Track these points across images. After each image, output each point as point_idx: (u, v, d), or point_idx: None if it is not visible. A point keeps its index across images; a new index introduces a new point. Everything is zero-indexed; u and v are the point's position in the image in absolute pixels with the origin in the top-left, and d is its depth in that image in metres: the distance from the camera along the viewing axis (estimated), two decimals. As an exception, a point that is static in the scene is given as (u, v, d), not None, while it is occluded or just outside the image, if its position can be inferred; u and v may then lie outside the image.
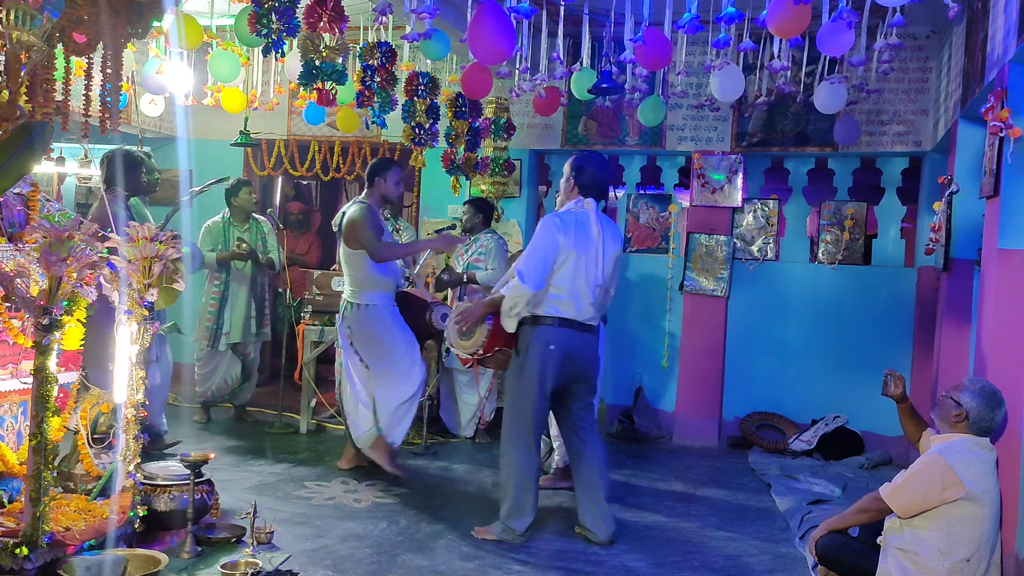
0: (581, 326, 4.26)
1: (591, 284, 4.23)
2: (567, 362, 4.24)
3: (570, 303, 4.21)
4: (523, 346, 4.27)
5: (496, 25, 4.31)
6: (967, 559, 3.27)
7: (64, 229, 3.12)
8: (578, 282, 4.21)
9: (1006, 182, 3.81)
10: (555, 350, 4.19)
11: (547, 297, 4.20)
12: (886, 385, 3.81)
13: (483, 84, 5.30)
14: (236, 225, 6.54)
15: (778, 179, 7.31)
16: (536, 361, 4.20)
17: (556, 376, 4.23)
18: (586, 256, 4.22)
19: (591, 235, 4.26)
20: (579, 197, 4.36)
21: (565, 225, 4.21)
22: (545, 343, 4.20)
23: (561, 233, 4.18)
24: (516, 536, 4.23)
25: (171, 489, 3.89)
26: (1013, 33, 3.68)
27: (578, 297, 4.22)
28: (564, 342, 4.21)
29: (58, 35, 3.60)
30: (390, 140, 7.30)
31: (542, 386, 4.22)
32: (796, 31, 4.10)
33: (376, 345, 5.21)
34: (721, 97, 5.41)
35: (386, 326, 5.23)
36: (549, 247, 4.16)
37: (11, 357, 3.66)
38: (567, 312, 4.22)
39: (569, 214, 4.31)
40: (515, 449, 4.29)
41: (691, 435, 6.97)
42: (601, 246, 4.27)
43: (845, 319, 6.85)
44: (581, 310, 4.24)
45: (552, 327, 4.20)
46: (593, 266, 4.24)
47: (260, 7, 4.04)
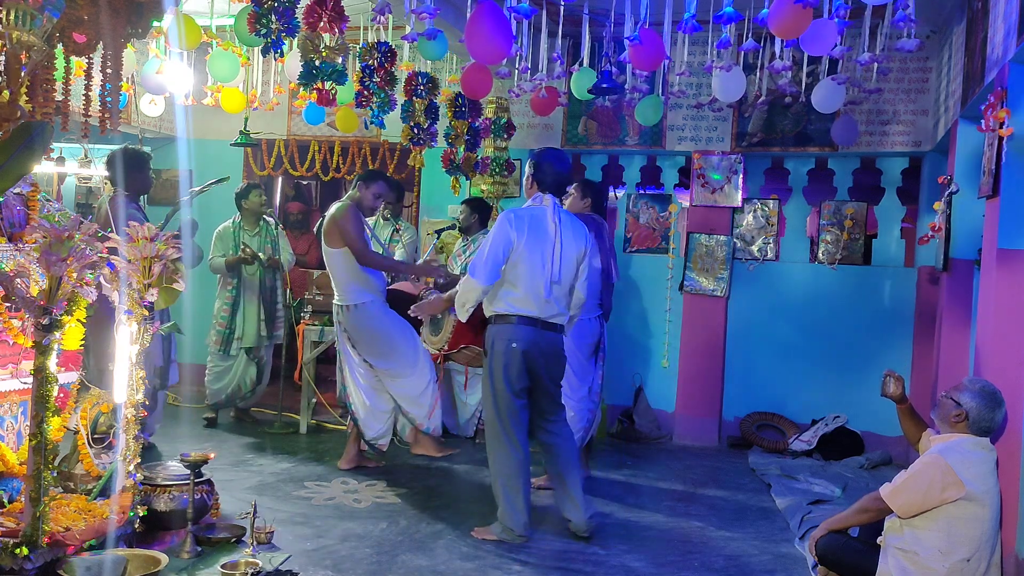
0: (545, 324, 4.27)
1: (546, 281, 4.22)
2: (531, 360, 4.25)
3: (528, 300, 4.23)
4: (488, 345, 4.33)
5: (493, 25, 4.31)
6: (967, 559, 3.27)
7: (64, 229, 3.12)
8: (534, 279, 4.22)
9: (1006, 182, 3.81)
10: (517, 348, 4.21)
11: (506, 294, 4.25)
12: (885, 386, 3.80)
13: (483, 84, 5.30)
14: (246, 229, 6.54)
15: (778, 179, 7.31)
16: (501, 360, 4.24)
17: (521, 374, 4.24)
18: (540, 252, 4.22)
19: (547, 232, 4.26)
20: (538, 193, 4.37)
21: (519, 221, 4.24)
22: (508, 341, 4.23)
23: (514, 229, 4.20)
24: (515, 535, 4.24)
25: (171, 489, 3.88)
26: (1013, 33, 3.68)
27: (535, 294, 4.23)
28: (526, 340, 4.23)
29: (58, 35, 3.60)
30: (390, 140, 7.30)
31: (509, 384, 4.24)
32: (797, 32, 4.10)
33: (376, 343, 5.23)
34: (723, 97, 5.41)
35: (381, 322, 5.23)
36: (500, 242, 4.19)
37: (11, 357, 3.66)
38: (528, 310, 4.24)
39: (525, 210, 4.34)
40: (496, 449, 4.31)
41: (691, 435, 6.97)
42: (558, 243, 4.26)
43: (845, 319, 6.85)
44: (541, 308, 4.25)
45: (514, 325, 4.24)
46: (549, 263, 4.23)
47: (260, 7, 4.04)
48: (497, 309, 4.28)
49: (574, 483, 4.38)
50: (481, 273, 4.17)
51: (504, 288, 4.25)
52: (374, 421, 5.31)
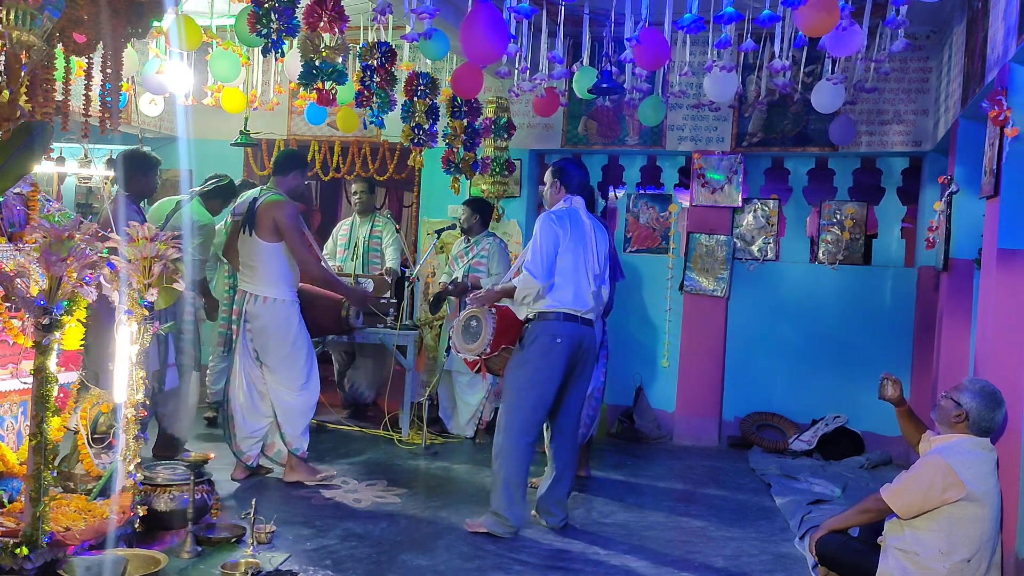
0: (583, 320, 4.41)
1: (591, 275, 4.42)
2: (571, 355, 4.37)
3: (571, 295, 4.36)
4: (528, 339, 4.39)
5: (488, 24, 4.31)
6: (968, 559, 3.27)
7: (64, 229, 3.12)
8: (579, 273, 4.39)
9: (1006, 182, 3.81)
10: (561, 343, 4.33)
11: (550, 291, 4.35)
12: (883, 389, 3.80)
13: (474, 83, 5.27)
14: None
15: (778, 179, 7.31)
16: (543, 355, 4.33)
17: (562, 369, 4.37)
18: (584, 249, 4.42)
19: (584, 229, 4.47)
20: (567, 195, 4.57)
21: (561, 220, 4.42)
22: (552, 337, 4.33)
23: (559, 227, 4.38)
24: (510, 527, 4.29)
25: (171, 489, 3.89)
26: (1013, 33, 3.68)
27: (579, 288, 4.38)
28: (569, 335, 4.35)
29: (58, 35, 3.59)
30: (390, 140, 7.30)
31: (548, 379, 4.35)
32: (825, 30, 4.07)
33: (279, 344, 4.93)
34: (714, 97, 5.44)
35: (292, 324, 4.96)
36: (551, 241, 4.35)
37: (11, 357, 3.66)
38: (570, 306, 4.36)
39: (563, 211, 4.50)
40: (510, 443, 4.34)
41: (691, 435, 6.97)
42: (594, 239, 4.49)
43: (845, 319, 6.85)
44: (582, 302, 4.39)
45: (558, 321, 4.36)
46: (591, 257, 4.44)
47: (259, 7, 4.03)
48: (539, 307, 4.38)
49: (565, 487, 4.53)
50: (540, 272, 4.29)
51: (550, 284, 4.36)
52: (252, 424, 5.01)
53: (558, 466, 4.52)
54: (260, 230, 4.87)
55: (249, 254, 4.94)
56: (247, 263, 4.97)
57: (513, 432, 4.35)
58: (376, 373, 6.85)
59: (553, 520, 4.50)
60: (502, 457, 4.36)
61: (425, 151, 5.98)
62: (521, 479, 4.34)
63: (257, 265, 4.92)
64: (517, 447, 4.33)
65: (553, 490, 4.52)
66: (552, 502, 4.51)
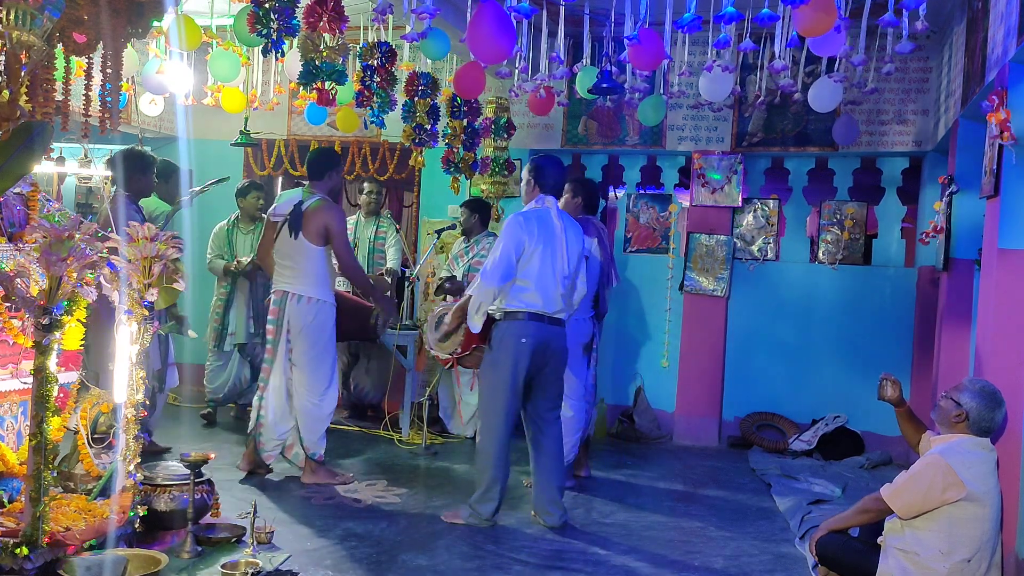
0: (551, 320, 4.47)
1: (559, 276, 4.44)
2: (538, 355, 4.43)
3: (538, 295, 4.40)
4: (495, 340, 4.47)
5: (496, 24, 4.31)
6: (968, 559, 3.27)
7: (64, 229, 3.11)
8: (545, 274, 4.41)
9: (1006, 182, 3.81)
10: (526, 343, 4.40)
11: (517, 292, 4.41)
12: (882, 389, 3.79)
13: (476, 83, 5.28)
14: (241, 228, 6.57)
15: (778, 179, 7.31)
16: (509, 354, 4.40)
17: (528, 368, 4.42)
18: (552, 250, 4.43)
19: (554, 230, 4.48)
20: (540, 195, 4.58)
21: (528, 222, 4.44)
22: (517, 337, 4.40)
23: (524, 231, 4.40)
24: (483, 520, 4.43)
25: (171, 489, 3.88)
26: (1013, 33, 3.68)
27: (546, 289, 4.42)
28: (535, 335, 4.41)
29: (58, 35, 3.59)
30: (390, 140, 7.29)
31: (515, 379, 4.41)
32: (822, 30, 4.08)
33: (312, 344, 4.97)
34: (709, 97, 5.46)
35: (327, 327, 5.03)
36: (512, 245, 4.37)
37: (11, 357, 3.66)
38: (536, 305, 4.42)
39: (531, 212, 4.53)
40: (490, 440, 4.47)
41: (691, 435, 6.97)
42: (564, 240, 4.48)
43: (845, 319, 6.85)
44: (550, 302, 4.44)
45: (523, 321, 4.42)
46: (559, 259, 4.45)
47: (259, 7, 4.03)
48: (507, 306, 4.44)
49: (558, 485, 4.57)
50: (494, 276, 4.34)
51: (516, 286, 4.42)
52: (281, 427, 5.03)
53: (542, 465, 4.57)
54: (307, 232, 4.93)
55: (292, 255, 4.98)
56: (289, 264, 4.99)
57: (489, 432, 4.48)
58: (382, 374, 6.87)
59: (551, 519, 4.51)
60: (481, 456, 4.52)
61: (425, 151, 5.98)
62: (499, 476, 4.44)
63: (301, 266, 4.97)
64: (496, 446, 4.45)
65: (545, 489, 4.55)
66: (546, 501, 4.54)
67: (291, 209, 5.00)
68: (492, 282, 4.34)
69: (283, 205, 5.10)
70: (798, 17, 3.99)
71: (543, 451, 4.58)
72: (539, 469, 4.58)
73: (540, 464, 4.58)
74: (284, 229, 4.99)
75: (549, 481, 4.55)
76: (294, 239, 4.94)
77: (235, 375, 6.57)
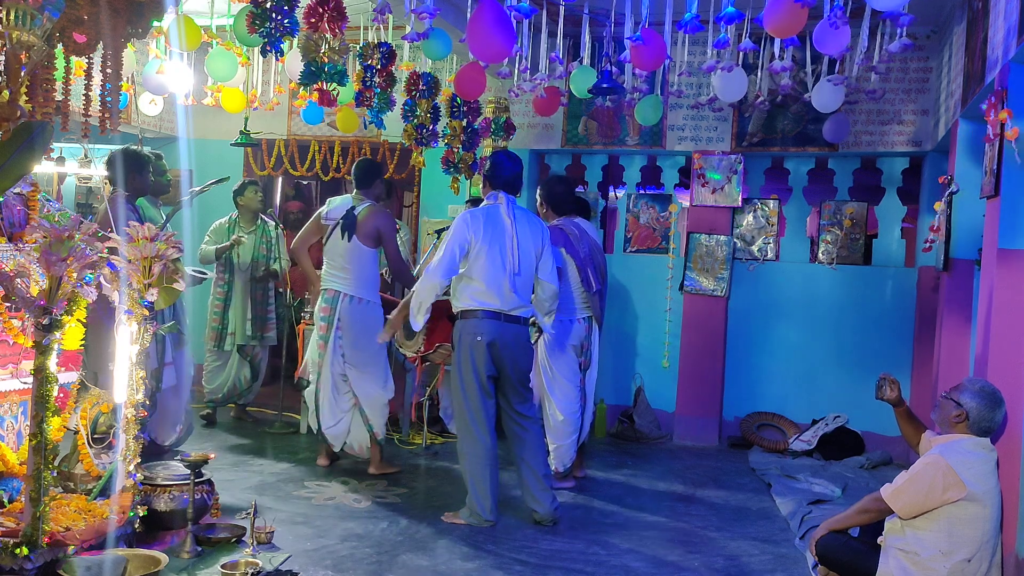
0: (508, 317, 4.50)
1: (508, 273, 4.47)
2: (495, 352, 4.46)
3: (491, 294, 4.46)
4: (455, 339, 4.56)
5: (495, 24, 4.31)
6: (968, 559, 3.27)
7: (64, 229, 3.11)
8: (495, 272, 4.45)
9: (1006, 182, 3.81)
10: (482, 340, 4.43)
11: (468, 290, 4.48)
12: (880, 389, 3.79)
13: (477, 84, 5.28)
14: (243, 226, 6.57)
15: (778, 179, 7.31)
16: (467, 353, 4.47)
17: (488, 365, 4.46)
18: (500, 247, 4.47)
19: (503, 227, 4.51)
20: (492, 192, 4.63)
21: (474, 220, 4.49)
22: (473, 335, 4.46)
23: (470, 229, 4.45)
24: (482, 520, 4.44)
25: (171, 489, 3.88)
26: (1013, 33, 3.68)
27: (497, 287, 4.45)
28: (490, 332, 4.44)
29: (58, 35, 3.59)
30: (390, 140, 7.30)
31: (477, 376, 4.46)
32: (793, 31, 4.10)
33: (369, 342, 5.20)
34: (724, 97, 5.43)
35: (380, 325, 5.25)
36: (456, 241, 4.44)
37: (11, 357, 3.66)
38: (491, 304, 4.47)
39: (480, 210, 4.58)
40: (464, 440, 4.54)
41: (691, 435, 6.97)
42: (515, 237, 4.50)
43: (845, 319, 6.85)
44: (504, 300, 4.48)
45: (478, 319, 4.47)
46: (509, 255, 4.48)
47: (258, 7, 4.03)
48: (462, 305, 4.52)
49: (541, 474, 4.58)
50: (437, 271, 4.43)
51: (466, 283, 4.51)
52: (333, 417, 5.29)
53: (525, 456, 4.59)
54: (360, 236, 5.21)
55: (345, 257, 5.24)
56: (342, 265, 5.25)
57: (464, 431, 4.53)
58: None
59: (542, 508, 4.51)
60: (462, 456, 4.57)
61: (425, 151, 5.98)
62: (482, 474, 4.47)
63: (353, 268, 5.23)
64: (471, 445, 4.50)
65: (529, 481, 4.56)
66: (534, 491, 4.54)
67: (344, 213, 5.27)
68: (433, 278, 4.42)
69: (336, 209, 5.35)
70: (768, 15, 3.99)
71: (523, 444, 4.59)
72: (521, 461, 4.60)
73: (522, 456, 4.59)
74: (336, 232, 5.25)
75: (534, 470, 4.56)
76: (347, 242, 5.22)
77: (234, 375, 6.58)
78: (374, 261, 5.33)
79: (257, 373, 6.70)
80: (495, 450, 4.55)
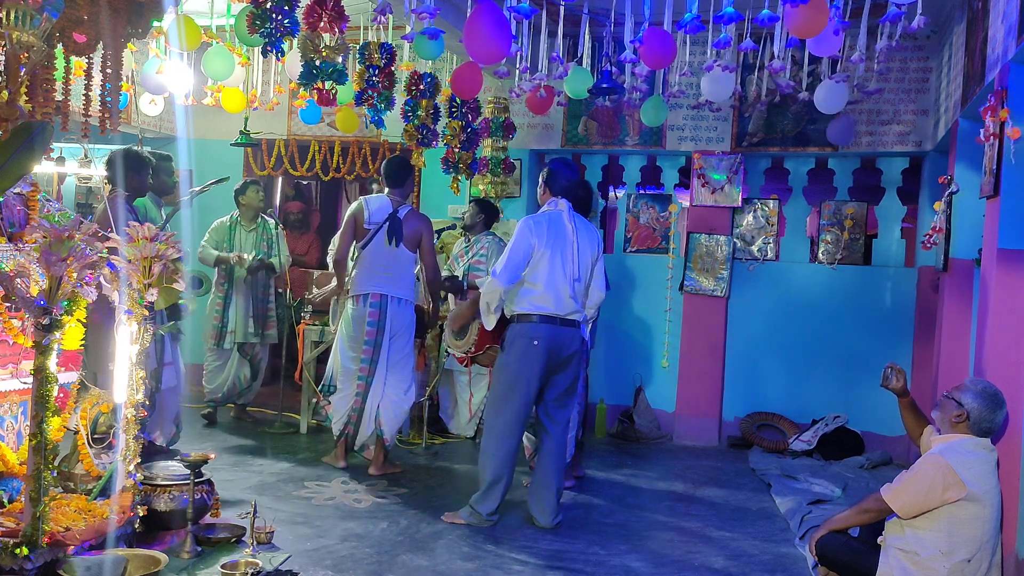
0: (563, 321, 4.49)
1: (568, 278, 4.49)
2: (550, 356, 4.46)
3: (548, 298, 4.45)
4: (508, 342, 4.52)
5: (492, 24, 4.31)
6: (968, 559, 3.27)
7: (64, 229, 3.11)
8: (555, 277, 4.45)
9: (1006, 182, 3.81)
10: (538, 345, 4.44)
11: (527, 294, 4.47)
12: (886, 378, 3.79)
13: (474, 83, 5.28)
14: (243, 225, 6.58)
15: (778, 179, 7.31)
16: (520, 356, 4.45)
17: (541, 370, 4.45)
18: (561, 252, 4.48)
19: (565, 233, 4.54)
20: (552, 198, 4.66)
21: (538, 225, 4.51)
22: (529, 339, 4.44)
23: (534, 234, 4.47)
24: (482, 519, 4.45)
25: (171, 489, 3.88)
26: (1013, 33, 3.68)
27: (556, 291, 4.45)
28: (547, 337, 4.44)
29: (58, 35, 3.59)
30: (390, 140, 7.30)
31: (528, 380, 4.45)
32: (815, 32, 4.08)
33: (406, 343, 5.40)
34: (711, 97, 5.46)
35: (414, 327, 5.45)
36: (521, 247, 4.45)
37: (11, 357, 3.66)
38: (547, 308, 4.46)
39: (543, 215, 4.61)
40: (496, 440, 4.50)
41: (691, 435, 6.97)
42: (575, 244, 4.53)
43: (845, 319, 6.85)
44: (561, 305, 4.47)
45: (534, 323, 4.46)
46: (570, 262, 4.50)
47: (258, 7, 4.03)
48: (519, 309, 4.49)
49: (555, 488, 4.58)
50: (503, 275, 4.42)
51: (526, 288, 4.48)
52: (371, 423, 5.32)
53: (544, 470, 4.57)
54: (407, 241, 5.32)
55: (391, 261, 5.31)
56: (387, 268, 5.31)
57: (495, 432, 4.51)
58: None
59: (543, 519, 4.52)
60: (485, 457, 4.53)
61: (425, 151, 5.98)
62: (501, 476, 4.47)
63: (398, 271, 5.33)
64: (500, 448, 4.47)
65: (541, 490, 4.55)
66: (542, 502, 4.53)
67: (387, 217, 5.31)
68: (499, 282, 4.42)
69: (377, 212, 5.36)
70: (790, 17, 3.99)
71: (545, 451, 4.59)
72: (539, 469, 4.60)
73: (541, 465, 4.60)
74: (381, 236, 5.28)
75: (547, 482, 4.55)
76: (395, 247, 5.30)
77: (234, 374, 6.58)
78: (413, 263, 5.46)
79: (257, 372, 6.71)
80: (517, 453, 4.56)
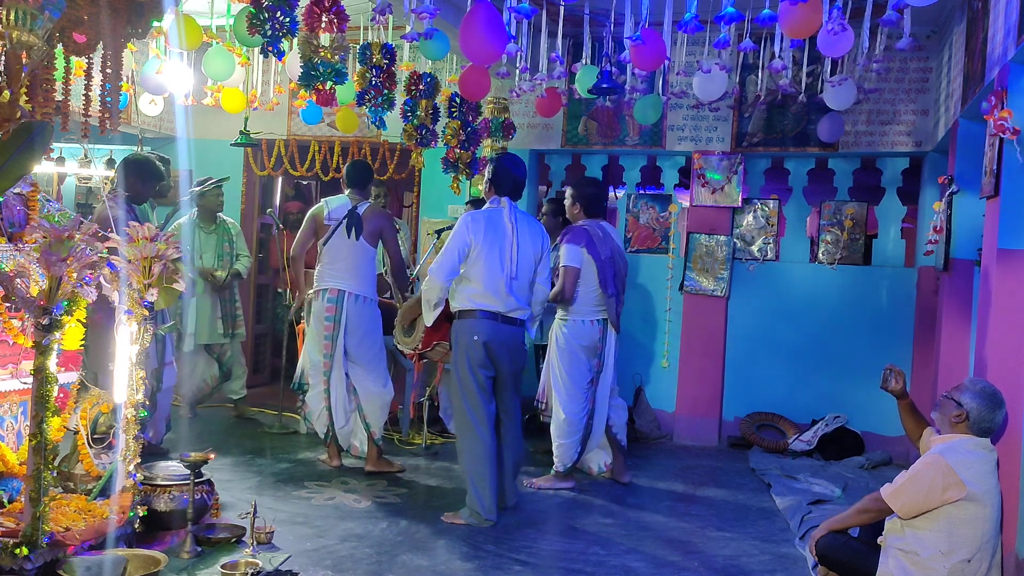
0: (504, 318, 4.58)
1: (505, 276, 4.55)
2: (491, 351, 4.54)
3: (488, 296, 4.54)
4: (453, 339, 4.64)
5: (487, 25, 4.31)
6: (968, 560, 3.26)
7: (64, 229, 3.11)
8: (493, 275, 4.53)
9: (1006, 182, 3.81)
10: (478, 340, 4.51)
11: (467, 291, 4.55)
12: (885, 380, 3.79)
13: (481, 86, 5.29)
14: (202, 227, 6.55)
15: (778, 179, 7.31)
16: (465, 352, 4.54)
17: (485, 364, 4.53)
18: (499, 250, 4.55)
19: (504, 231, 4.60)
20: (495, 196, 4.71)
21: (476, 223, 4.58)
22: (470, 334, 4.53)
23: (471, 231, 4.55)
24: (482, 519, 4.47)
25: (171, 489, 3.88)
26: (1013, 33, 3.68)
27: (494, 289, 4.54)
28: (487, 332, 4.52)
29: (58, 35, 3.59)
30: (390, 140, 7.30)
31: (473, 375, 4.53)
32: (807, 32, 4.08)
33: (372, 341, 5.38)
34: (702, 96, 5.49)
35: (379, 323, 5.44)
36: (457, 244, 4.54)
37: (11, 357, 3.66)
38: (489, 305, 4.54)
39: (482, 212, 4.67)
40: (464, 438, 4.60)
41: (691, 435, 6.97)
42: (515, 242, 4.59)
43: (845, 319, 6.85)
44: (501, 302, 4.55)
45: (475, 319, 4.55)
46: (507, 260, 4.56)
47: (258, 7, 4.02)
48: (461, 305, 4.59)
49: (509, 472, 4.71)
50: (439, 272, 4.53)
51: (466, 285, 4.57)
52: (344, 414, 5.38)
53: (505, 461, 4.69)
54: (366, 234, 5.33)
55: (349, 256, 5.31)
56: (345, 264, 5.31)
57: (464, 429, 4.60)
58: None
59: (508, 501, 4.70)
60: (461, 455, 4.64)
61: (425, 151, 5.98)
62: (483, 472, 4.50)
63: (356, 267, 5.32)
64: (471, 443, 4.55)
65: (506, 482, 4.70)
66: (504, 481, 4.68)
67: (347, 213, 5.34)
68: (437, 278, 4.53)
69: (337, 210, 5.39)
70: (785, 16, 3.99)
71: (504, 445, 4.69)
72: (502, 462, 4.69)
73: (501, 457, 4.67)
74: (342, 231, 5.31)
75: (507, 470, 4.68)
76: (355, 241, 5.30)
77: (201, 375, 6.60)
78: (374, 260, 5.45)
79: (227, 372, 6.70)
80: (495, 449, 4.58)
